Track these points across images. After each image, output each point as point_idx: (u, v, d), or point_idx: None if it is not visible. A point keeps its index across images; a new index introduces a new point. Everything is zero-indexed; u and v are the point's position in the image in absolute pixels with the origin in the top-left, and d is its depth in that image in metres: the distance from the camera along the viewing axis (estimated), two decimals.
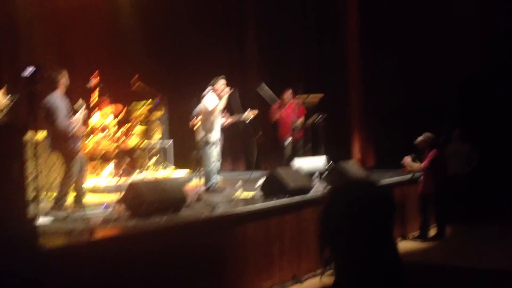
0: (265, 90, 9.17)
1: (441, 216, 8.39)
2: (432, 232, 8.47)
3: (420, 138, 8.30)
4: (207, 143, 7.88)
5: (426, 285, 1.51)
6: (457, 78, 10.24)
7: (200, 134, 8.02)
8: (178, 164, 10.45)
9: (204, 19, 12.21)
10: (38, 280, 3.76)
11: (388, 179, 8.58)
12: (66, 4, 10.20)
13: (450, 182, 9.52)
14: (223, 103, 7.89)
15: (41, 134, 7.62)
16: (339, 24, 11.58)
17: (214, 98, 7.86)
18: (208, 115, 7.88)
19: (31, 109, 4.89)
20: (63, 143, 6.14)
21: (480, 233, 8.69)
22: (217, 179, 7.98)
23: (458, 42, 10.14)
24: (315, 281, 6.30)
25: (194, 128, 8.56)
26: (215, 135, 7.95)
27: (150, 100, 10.10)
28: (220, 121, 8.04)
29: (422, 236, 8.37)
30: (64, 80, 6.34)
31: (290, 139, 9.75)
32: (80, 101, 6.88)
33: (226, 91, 7.80)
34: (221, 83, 7.84)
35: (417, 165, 8.32)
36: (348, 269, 1.49)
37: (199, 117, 8.18)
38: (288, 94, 9.84)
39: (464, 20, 10.18)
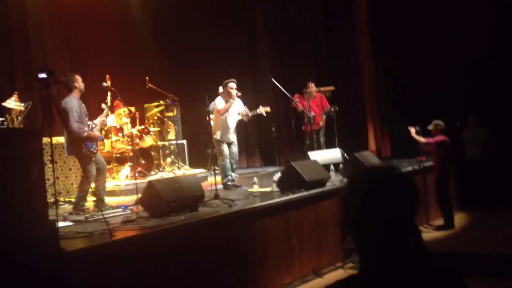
0: (275, 82, 9.11)
1: (443, 203, 8.31)
2: (439, 222, 8.45)
3: (431, 126, 8.29)
4: (218, 141, 7.94)
5: (451, 269, 1.48)
6: (469, 61, 10.12)
7: (213, 133, 8.05)
8: (193, 164, 10.48)
9: (213, 18, 12.21)
10: (59, 281, 3.79)
11: (405, 168, 8.52)
12: (76, 9, 10.26)
13: (467, 168, 9.48)
14: (234, 104, 7.93)
15: (58, 139, 7.72)
16: (347, 13, 11.51)
17: (221, 100, 7.95)
18: (218, 115, 7.95)
19: (46, 113, 4.92)
20: (78, 146, 6.18)
21: (500, 219, 8.60)
22: (232, 176, 8.01)
23: (469, 24, 10.02)
24: (336, 274, 6.28)
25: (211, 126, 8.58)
26: (227, 134, 7.99)
27: (162, 101, 10.15)
28: (233, 121, 8.04)
29: (443, 225, 8.31)
30: (77, 84, 6.39)
31: (306, 131, 9.73)
32: (104, 106, 6.90)
33: (234, 95, 7.85)
34: (230, 86, 7.88)
35: (421, 138, 8.34)
36: (371, 256, 1.47)
37: (212, 116, 8.22)
38: (310, 86, 9.75)
39: (474, 1, 10.06)
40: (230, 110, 7.96)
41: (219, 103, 7.99)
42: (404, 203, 1.48)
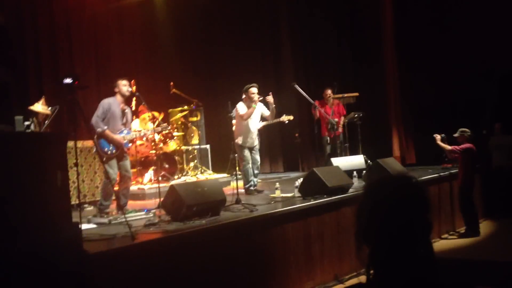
0: (299, 90, 9.15)
1: (468, 211, 8.17)
2: (462, 229, 8.33)
3: (457, 134, 8.18)
4: (240, 147, 7.96)
5: (459, 282, 1.48)
6: (497, 71, 9.98)
7: (235, 138, 8.08)
8: (216, 168, 10.55)
9: (238, 26, 12.31)
10: (82, 283, 3.85)
11: (429, 176, 8.43)
12: (103, 16, 10.46)
13: (494, 176, 9.35)
14: (256, 109, 7.93)
15: (84, 143, 7.86)
16: (373, 22, 11.44)
17: (243, 106, 7.95)
18: (239, 120, 7.96)
19: (71, 117, 5.04)
20: (95, 142, 6.34)
21: None
22: (255, 181, 8.03)
23: (496, 34, 9.87)
24: (357, 280, 6.23)
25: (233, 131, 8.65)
26: (249, 139, 8.00)
27: (186, 106, 10.25)
28: (255, 126, 8.06)
29: (468, 232, 8.18)
30: (117, 89, 6.60)
31: (328, 138, 9.71)
32: (165, 126, 7.10)
33: (256, 99, 7.85)
34: (251, 91, 7.88)
35: (446, 146, 8.19)
36: (381, 267, 1.47)
37: (234, 122, 8.26)
38: (327, 93, 9.81)
39: (501, 10, 9.91)
40: (252, 115, 7.97)
41: (241, 108, 7.99)
42: (416, 214, 1.48)
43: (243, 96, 8.20)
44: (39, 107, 7.17)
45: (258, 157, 8.19)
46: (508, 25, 9.92)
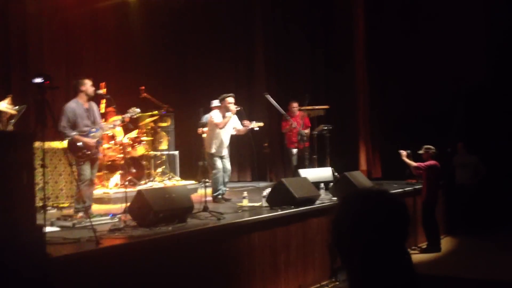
0: (270, 100, 9.23)
1: (430, 227, 8.36)
2: (424, 245, 8.51)
3: (421, 151, 8.36)
4: (211, 154, 7.93)
5: None
6: (462, 88, 10.25)
7: (206, 146, 8.06)
8: (184, 175, 10.47)
9: (213, 33, 12.32)
10: (44, 286, 3.77)
11: (394, 190, 8.56)
12: (75, 16, 10.31)
13: (457, 193, 9.56)
14: (230, 119, 7.93)
15: (50, 144, 7.72)
16: (345, 37, 11.62)
17: (218, 114, 7.93)
18: (213, 128, 7.93)
19: (39, 118, 4.94)
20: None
21: (487, 244, 8.65)
22: (223, 189, 8.01)
23: (462, 52, 10.16)
24: None
25: (203, 139, 8.62)
26: (220, 148, 7.99)
27: (156, 111, 10.17)
28: (227, 135, 8.05)
29: (430, 248, 8.35)
30: (84, 88, 6.49)
31: (296, 150, 9.77)
32: (132, 108, 7.01)
33: (233, 109, 7.84)
34: (228, 100, 7.87)
35: (411, 162, 8.35)
36: (359, 279, 1.47)
37: (206, 129, 8.23)
38: (293, 105, 9.90)
39: (468, 29, 10.21)
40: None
41: (216, 116, 7.96)
42: (394, 227, 1.47)
43: (213, 105, 8.15)
44: (4, 105, 7.01)
45: (228, 166, 8.18)
46: (475, 45, 10.22)
